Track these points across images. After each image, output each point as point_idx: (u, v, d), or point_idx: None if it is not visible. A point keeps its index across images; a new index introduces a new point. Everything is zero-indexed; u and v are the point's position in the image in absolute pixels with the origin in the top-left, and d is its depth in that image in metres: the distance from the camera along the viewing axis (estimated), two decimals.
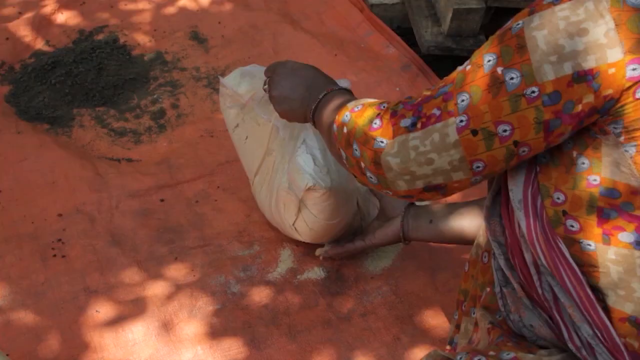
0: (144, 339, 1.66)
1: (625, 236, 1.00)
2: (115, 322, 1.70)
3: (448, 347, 1.44)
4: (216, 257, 1.88)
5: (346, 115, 1.21)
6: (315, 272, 1.85)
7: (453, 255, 1.90)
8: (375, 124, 1.14)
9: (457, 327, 1.42)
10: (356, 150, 1.16)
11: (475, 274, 1.35)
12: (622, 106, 0.96)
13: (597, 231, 1.02)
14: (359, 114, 1.18)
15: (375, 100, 1.23)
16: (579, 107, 0.97)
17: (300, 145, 1.66)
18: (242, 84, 1.81)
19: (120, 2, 2.85)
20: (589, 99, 0.96)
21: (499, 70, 1.01)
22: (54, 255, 1.84)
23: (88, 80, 2.43)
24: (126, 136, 2.27)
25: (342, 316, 1.76)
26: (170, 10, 2.84)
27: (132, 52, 2.61)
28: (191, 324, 1.70)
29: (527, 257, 1.12)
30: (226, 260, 1.87)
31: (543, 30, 0.97)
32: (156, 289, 1.78)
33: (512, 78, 1.00)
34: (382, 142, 1.12)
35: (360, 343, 1.70)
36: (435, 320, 1.75)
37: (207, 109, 2.40)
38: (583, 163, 1.01)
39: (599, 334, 1.05)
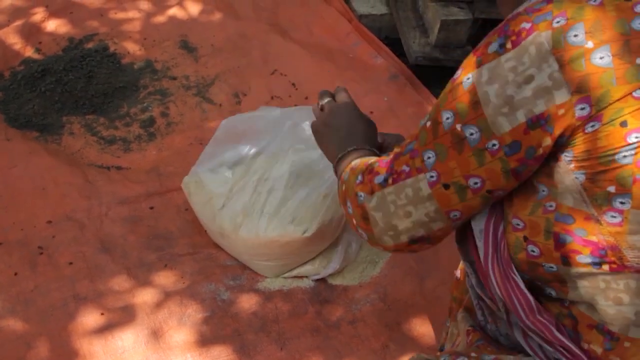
0: (134, 346, 1.67)
1: (583, 258, 1.02)
2: (105, 329, 1.70)
3: (438, 354, 1.46)
4: (206, 264, 1.88)
5: (346, 173, 1.25)
6: (305, 281, 1.86)
7: (441, 263, 1.92)
8: (358, 179, 1.19)
9: (447, 333, 1.44)
10: (349, 207, 1.20)
11: (464, 279, 1.37)
12: (573, 139, 0.98)
13: (556, 254, 1.04)
14: (353, 171, 1.23)
15: (372, 156, 1.29)
16: (540, 151, 0.99)
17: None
18: (216, 178, 1.86)
19: (110, 11, 2.86)
20: (547, 142, 0.98)
21: (458, 127, 1.03)
22: (44, 262, 1.83)
23: (78, 88, 2.43)
24: (116, 144, 2.28)
25: (331, 324, 1.77)
26: (160, 19, 2.85)
27: (122, 61, 2.61)
28: (181, 332, 1.71)
29: None
30: (216, 268, 1.88)
31: (494, 85, 0.99)
32: (146, 296, 1.78)
33: (471, 134, 1.02)
34: (361, 196, 1.16)
35: (349, 350, 1.71)
36: (424, 327, 1.77)
37: (197, 117, 2.41)
38: (543, 190, 1.03)
39: (562, 351, 1.09)
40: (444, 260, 1.92)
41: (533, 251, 1.06)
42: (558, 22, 0.96)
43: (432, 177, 1.07)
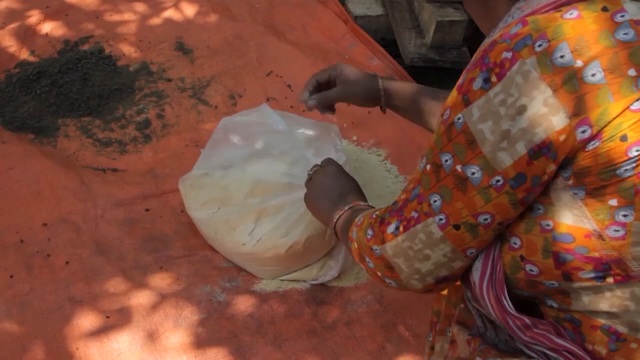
0: (130, 348, 1.66)
1: (586, 274, 1.01)
2: (101, 331, 1.70)
3: None
4: (201, 266, 1.88)
5: (353, 231, 1.25)
6: (301, 282, 1.86)
7: None
8: (369, 234, 1.18)
9: (432, 348, 1.43)
10: (369, 262, 1.19)
11: (449, 294, 1.37)
12: (574, 157, 0.97)
13: (557, 272, 1.03)
14: (360, 227, 1.22)
15: (373, 209, 1.27)
16: (545, 177, 0.98)
17: None
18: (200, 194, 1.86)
19: (106, 13, 2.86)
20: (551, 168, 0.97)
21: (459, 168, 1.02)
22: (39, 265, 1.83)
23: (73, 90, 2.43)
24: (111, 146, 2.28)
25: (327, 325, 1.77)
26: (156, 21, 2.85)
27: (117, 63, 2.61)
28: (176, 334, 1.70)
29: None
30: (211, 270, 1.88)
31: (487, 122, 0.97)
32: (141, 298, 1.78)
33: (473, 173, 1.01)
34: (377, 249, 1.15)
35: (345, 352, 1.71)
36: (420, 328, 1.77)
37: (193, 119, 2.41)
38: (539, 208, 1.02)
39: (567, 355, 1.08)
40: None
41: (532, 270, 1.05)
42: (540, 45, 0.94)
43: (441, 220, 1.06)
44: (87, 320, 1.71)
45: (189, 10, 2.91)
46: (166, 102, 2.46)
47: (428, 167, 1.07)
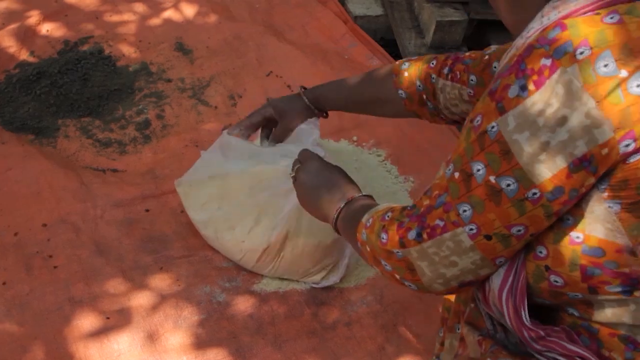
0: (129, 349, 1.66)
1: (613, 288, 0.98)
2: (101, 332, 1.69)
3: None
4: (201, 267, 1.88)
5: (363, 233, 1.19)
6: (300, 283, 1.86)
7: None
8: (383, 238, 1.12)
9: (442, 344, 1.42)
10: (386, 265, 1.14)
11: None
12: (613, 169, 0.93)
13: (583, 285, 1.00)
14: (371, 229, 1.17)
15: (381, 207, 1.22)
16: (583, 190, 0.94)
17: None
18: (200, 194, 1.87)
19: (105, 13, 2.86)
20: (590, 181, 0.93)
21: (492, 179, 0.97)
22: (39, 266, 1.83)
23: (73, 90, 2.43)
24: (111, 147, 2.28)
25: (327, 326, 1.76)
26: (155, 21, 2.85)
27: (117, 63, 2.61)
28: (176, 334, 1.70)
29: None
30: (211, 270, 1.87)
31: (524, 133, 0.93)
32: (141, 299, 1.78)
33: (508, 185, 0.96)
34: (399, 252, 1.10)
35: (345, 352, 1.71)
36: (420, 329, 1.76)
37: (192, 119, 2.41)
38: (568, 219, 0.98)
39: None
40: None
41: (556, 281, 1.02)
42: (582, 52, 0.89)
43: (471, 229, 1.01)
44: (86, 321, 1.71)
45: (189, 11, 2.91)
46: (166, 103, 2.46)
47: (456, 174, 1.02)
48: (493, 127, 0.96)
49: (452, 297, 1.38)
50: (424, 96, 1.60)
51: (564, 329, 1.06)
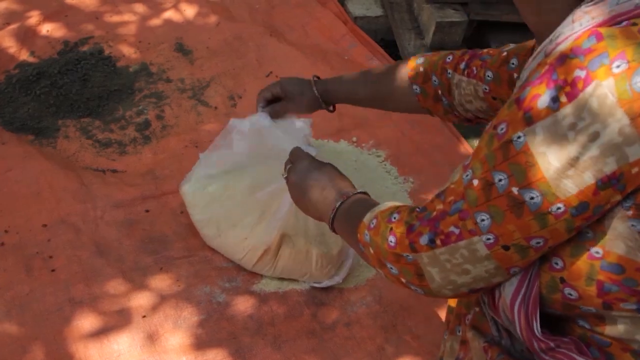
0: (129, 350, 1.66)
1: (628, 305, 0.96)
2: (100, 333, 1.70)
3: None
4: (201, 267, 1.88)
5: (366, 234, 1.16)
6: (300, 283, 1.86)
7: None
8: (391, 242, 1.09)
9: (445, 345, 1.41)
10: (392, 268, 1.11)
11: None
12: (639, 188, 0.90)
13: (597, 300, 0.98)
14: (376, 231, 1.13)
15: (385, 207, 1.18)
16: (607, 206, 0.92)
17: None
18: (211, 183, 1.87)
19: (105, 14, 2.86)
20: (616, 198, 0.90)
21: (515, 190, 0.93)
22: (39, 266, 1.83)
23: (73, 91, 2.43)
24: (111, 147, 2.28)
25: (327, 326, 1.77)
26: (155, 22, 2.85)
27: (117, 64, 2.61)
28: (176, 335, 1.71)
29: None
30: (211, 271, 1.88)
31: (552, 146, 0.89)
32: (141, 299, 1.78)
33: (532, 198, 0.92)
34: (409, 256, 1.07)
35: (345, 353, 1.71)
36: (420, 330, 1.77)
37: (192, 120, 2.41)
38: (587, 233, 0.96)
39: None
40: None
41: (570, 294, 0.99)
42: (618, 66, 0.86)
43: (488, 239, 0.98)
44: (86, 322, 1.71)
45: (189, 11, 2.92)
46: (166, 103, 2.46)
47: (475, 182, 0.99)
48: (519, 137, 0.93)
49: (457, 300, 1.37)
50: (439, 91, 1.58)
51: (573, 340, 1.05)
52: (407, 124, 2.41)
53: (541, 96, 0.90)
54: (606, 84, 0.85)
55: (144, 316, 1.74)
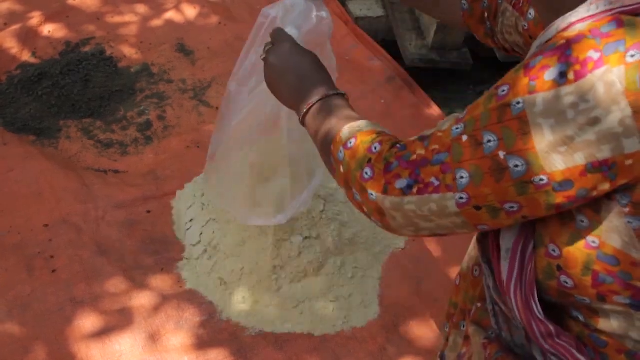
0: (131, 350, 1.67)
1: (622, 299, 0.96)
2: (102, 333, 1.70)
3: None
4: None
5: (340, 151, 1.12)
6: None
7: (438, 266, 1.92)
8: (367, 174, 1.06)
9: (447, 339, 1.41)
10: (356, 195, 1.08)
11: (466, 287, 1.32)
12: (634, 185, 0.89)
13: (592, 291, 0.97)
14: (352, 153, 1.10)
15: (367, 129, 1.14)
16: (594, 193, 0.90)
17: None
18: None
19: (107, 15, 2.86)
20: (605, 187, 0.89)
21: (501, 154, 0.92)
22: (40, 266, 1.84)
23: (74, 92, 2.43)
24: (113, 148, 2.28)
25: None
26: (157, 22, 2.85)
27: (118, 64, 2.62)
28: (178, 335, 1.71)
29: None
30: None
31: (550, 120, 0.88)
32: (143, 300, 1.78)
33: (516, 165, 0.91)
34: (372, 194, 1.04)
35: (347, 353, 1.71)
36: (421, 330, 1.77)
37: (194, 120, 2.41)
38: (582, 221, 0.95)
39: None
40: (441, 263, 1.92)
41: (566, 282, 0.98)
42: (633, 56, 0.85)
43: (461, 198, 0.96)
44: (88, 322, 1.72)
45: (190, 12, 2.92)
46: (167, 104, 2.47)
47: (465, 138, 0.97)
48: (519, 102, 0.91)
49: (460, 294, 1.36)
50: (486, 14, 1.51)
51: (573, 337, 1.04)
52: (408, 124, 2.41)
53: (550, 68, 0.89)
54: (616, 71, 0.85)
55: (146, 317, 1.74)
